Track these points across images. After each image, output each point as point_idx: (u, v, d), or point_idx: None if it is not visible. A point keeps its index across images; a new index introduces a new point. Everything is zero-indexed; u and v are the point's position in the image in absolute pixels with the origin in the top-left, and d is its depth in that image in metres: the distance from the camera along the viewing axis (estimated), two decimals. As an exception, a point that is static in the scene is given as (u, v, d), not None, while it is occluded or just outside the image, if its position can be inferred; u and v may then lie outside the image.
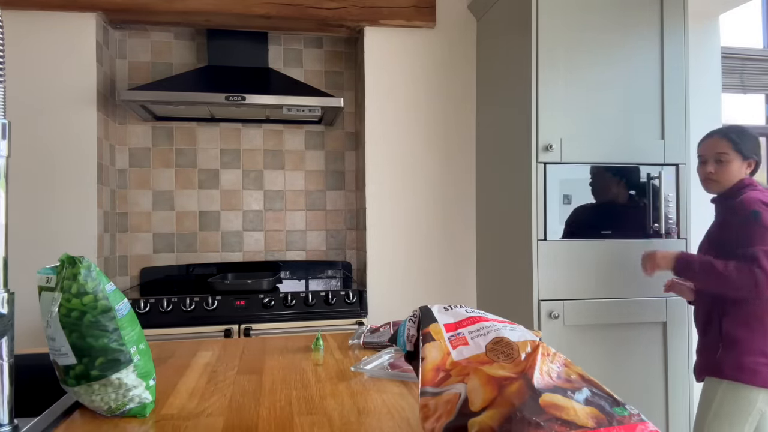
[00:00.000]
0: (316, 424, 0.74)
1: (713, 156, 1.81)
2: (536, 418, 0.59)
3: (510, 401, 0.61)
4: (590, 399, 0.63)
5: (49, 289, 0.78)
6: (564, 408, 0.61)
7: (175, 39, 2.76)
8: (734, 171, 1.78)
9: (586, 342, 2.08)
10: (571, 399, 0.62)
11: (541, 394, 0.62)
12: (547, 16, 2.08)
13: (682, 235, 2.16)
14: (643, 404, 2.11)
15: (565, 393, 0.63)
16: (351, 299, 2.36)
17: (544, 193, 2.07)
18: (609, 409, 0.62)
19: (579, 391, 0.64)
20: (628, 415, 0.63)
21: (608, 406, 0.63)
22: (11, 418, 0.74)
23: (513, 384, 0.63)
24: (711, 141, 1.84)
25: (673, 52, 2.17)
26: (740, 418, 1.62)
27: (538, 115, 2.07)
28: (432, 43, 2.65)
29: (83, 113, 2.36)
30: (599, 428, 0.59)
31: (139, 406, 0.79)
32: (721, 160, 1.79)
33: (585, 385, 0.65)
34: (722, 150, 1.79)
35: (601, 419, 0.61)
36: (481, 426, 0.60)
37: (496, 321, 0.75)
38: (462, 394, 0.65)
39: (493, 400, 0.62)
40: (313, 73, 2.89)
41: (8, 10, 2.28)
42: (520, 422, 0.58)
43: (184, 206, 2.76)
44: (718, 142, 1.81)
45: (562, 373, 0.66)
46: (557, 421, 0.59)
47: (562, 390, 0.63)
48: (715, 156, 1.80)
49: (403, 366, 0.97)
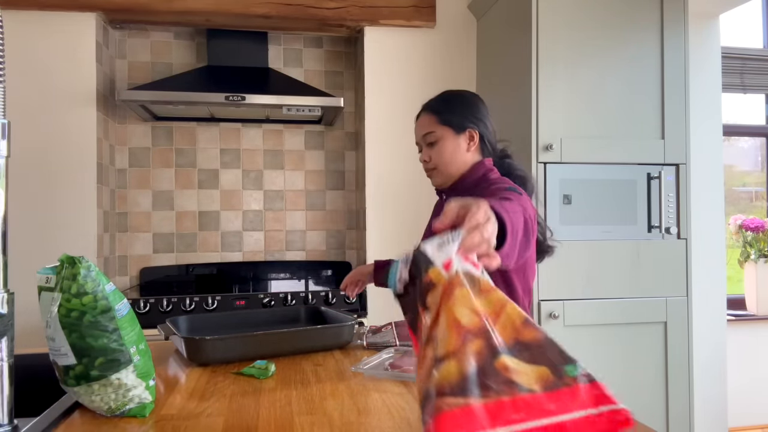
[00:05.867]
0: (316, 424, 0.74)
1: (422, 139, 1.41)
2: (490, 380, 0.61)
3: (469, 359, 0.62)
4: (548, 354, 0.66)
5: (48, 289, 0.78)
6: (515, 369, 0.62)
7: (175, 39, 2.76)
8: (449, 151, 1.36)
9: (586, 342, 2.08)
10: (521, 361, 0.63)
11: (498, 356, 0.63)
12: (547, 16, 2.08)
13: (682, 235, 2.16)
14: (643, 404, 2.10)
15: (514, 349, 0.64)
16: (351, 299, 2.36)
17: (544, 193, 2.07)
18: (560, 368, 0.64)
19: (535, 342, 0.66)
20: (575, 375, 0.65)
21: (559, 363, 0.65)
22: (11, 418, 0.74)
23: (475, 341, 0.63)
24: (418, 121, 1.44)
25: (673, 52, 2.17)
26: None
27: (538, 115, 2.07)
28: (432, 42, 2.65)
29: (83, 113, 2.36)
30: (545, 390, 0.62)
31: (138, 406, 0.79)
32: (430, 143, 1.39)
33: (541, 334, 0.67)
34: (427, 129, 1.39)
35: (549, 381, 0.63)
36: (438, 383, 0.61)
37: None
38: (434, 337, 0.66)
39: (455, 351, 0.63)
40: (313, 73, 2.89)
41: (8, 10, 2.28)
42: (472, 382, 0.60)
43: (184, 206, 2.76)
44: (423, 121, 1.42)
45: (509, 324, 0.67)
46: (508, 384, 0.61)
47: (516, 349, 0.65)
48: (424, 139, 1.41)
49: (403, 366, 0.97)
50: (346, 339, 1.18)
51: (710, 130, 2.72)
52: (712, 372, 2.66)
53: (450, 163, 1.37)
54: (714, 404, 2.65)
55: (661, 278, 2.13)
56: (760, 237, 3.05)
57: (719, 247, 2.73)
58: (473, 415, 0.59)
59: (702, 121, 2.68)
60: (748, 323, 3.01)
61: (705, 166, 2.69)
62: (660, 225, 2.14)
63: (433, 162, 1.39)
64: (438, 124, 1.37)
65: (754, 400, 2.97)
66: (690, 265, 2.16)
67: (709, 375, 2.65)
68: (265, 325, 1.23)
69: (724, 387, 2.67)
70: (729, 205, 3.12)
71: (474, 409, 0.59)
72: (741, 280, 3.15)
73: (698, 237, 2.55)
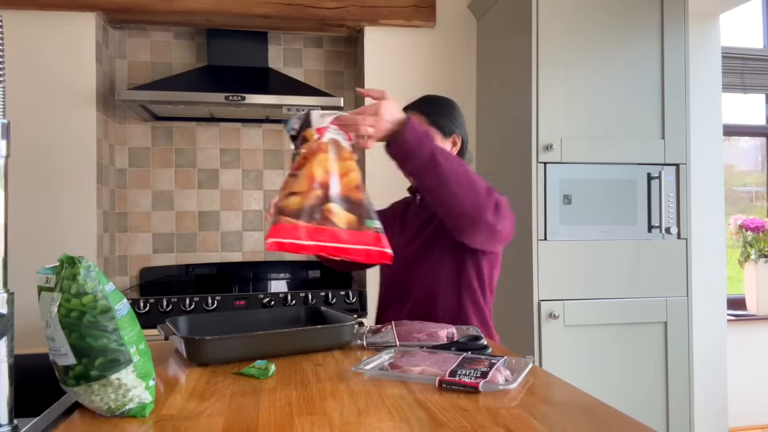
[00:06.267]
0: (316, 424, 0.74)
1: None
2: (316, 214, 0.97)
3: (309, 200, 0.97)
4: (362, 209, 1.01)
5: (48, 290, 0.78)
6: (335, 213, 0.98)
7: (174, 39, 2.76)
8: None
9: (586, 342, 2.07)
10: (342, 209, 0.99)
11: (328, 202, 0.98)
12: (547, 16, 2.08)
13: (682, 235, 2.16)
14: (643, 404, 2.10)
15: (343, 201, 0.99)
16: (351, 299, 2.36)
17: (544, 193, 2.07)
18: (363, 221, 1.00)
19: (358, 200, 1.01)
20: (373, 228, 1.01)
21: (367, 217, 1.01)
22: (11, 418, 0.74)
23: (318, 190, 0.99)
24: None
25: (673, 52, 2.17)
26: None
27: (538, 115, 2.07)
28: (432, 42, 2.65)
29: (83, 113, 2.36)
30: (348, 228, 0.98)
31: (138, 406, 0.79)
32: None
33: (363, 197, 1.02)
34: None
35: (353, 225, 0.99)
36: (285, 206, 0.98)
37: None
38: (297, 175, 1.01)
39: (302, 192, 0.98)
40: (313, 73, 2.89)
41: (8, 10, 2.28)
42: (305, 212, 0.97)
43: (184, 206, 2.76)
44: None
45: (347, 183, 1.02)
46: (326, 220, 0.97)
47: (343, 201, 1.00)
48: None
49: (403, 366, 0.97)
50: (346, 339, 1.18)
51: (710, 130, 2.72)
52: (712, 372, 2.66)
53: None
54: (714, 404, 2.65)
55: (661, 278, 2.13)
56: (760, 237, 3.05)
57: (719, 247, 2.72)
58: (297, 230, 0.95)
59: (702, 121, 2.68)
60: (748, 323, 3.01)
61: (705, 166, 2.69)
62: (660, 225, 2.14)
63: None
64: (428, 125, 1.38)
65: (754, 400, 2.97)
66: (690, 265, 2.16)
67: (709, 375, 2.64)
68: (265, 325, 1.22)
69: (724, 387, 2.67)
70: (729, 205, 3.12)
71: (298, 227, 0.96)
72: (741, 280, 3.15)
73: (698, 237, 2.54)
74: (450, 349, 1.09)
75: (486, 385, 0.85)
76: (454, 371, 0.90)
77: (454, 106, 1.45)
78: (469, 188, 1.13)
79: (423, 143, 1.10)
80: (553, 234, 2.07)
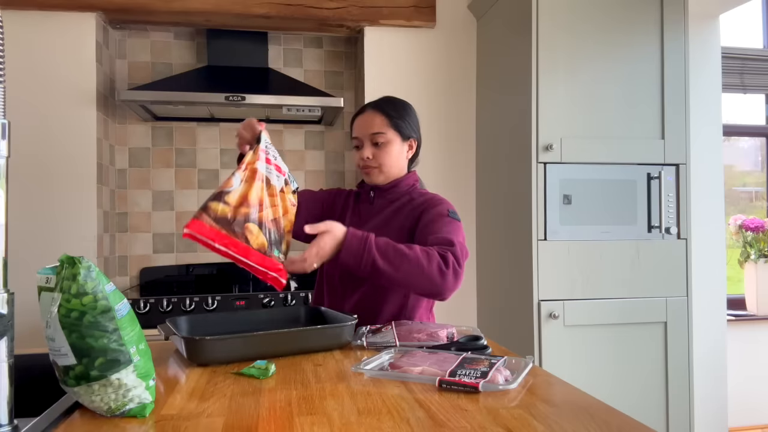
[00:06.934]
0: (316, 424, 0.74)
1: (369, 137, 1.45)
2: (236, 228, 1.08)
3: (234, 213, 1.09)
4: (272, 238, 1.14)
5: (48, 290, 0.78)
6: (253, 233, 1.10)
7: (174, 39, 2.76)
8: (395, 155, 1.46)
9: (586, 342, 2.08)
10: (261, 232, 1.12)
11: (249, 222, 1.10)
12: (547, 16, 2.08)
13: (682, 235, 2.16)
14: (643, 404, 2.11)
15: (261, 226, 1.12)
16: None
17: (544, 193, 2.07)
18: (271, 248, 1.14)
19: (272, 230, 1.15)
20: (276, 257, 1.14)
21: (275, 247, 1.15)
22: (11, 418, 0.74)
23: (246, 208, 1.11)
24: (364, 117, 1.48)
25: (673, 52, 2.17)
26: None
27: (538, 115, 2.07)
28: (432, 43, 2.65)
29: (83, 113, 2.36)
30: (257, 250, 1.10)
31: (138, 406, 0.79)
32: (378, 143, 1.44)
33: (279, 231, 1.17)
34: (378, 129, 1.44)
35: (262, 248, 1.11)
36: (215, 209, 1.08)
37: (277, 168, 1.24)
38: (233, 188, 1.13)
39: (233, 206, 1.10)
40: (313, 73, 2.89)
41: (8, 10, 2.28)
42: (227, 223, 1.08)
43: (184, 206, 2.76)
44: (373, 119, 1.45)
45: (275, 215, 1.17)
46: (242, 236, 1.09)
47: (262, 226, 1.13)
48: (371, 137, 1.45)
49: (403, 366, 0.97)
50: (346, 339, 1.18)
51: (710, 130, 2.72)
52: (712, 372, 2.66)
53: (393, 166, 1.48)
54: (714, 404, 2.65)
55: (661, 278, 2.13)
56: (760, 237, 3.05)
57: (719, 247, 2.73)
58: (213, 231, 1.06)
59: (702, 122, 2.68)
60: (748, 323, 3.01)
61: (705, 166, 2.69)
62: (660, 225, 2.14)
63: (377, 161, 1.46)
64: (389, 127, 1.45)
65: (754, 400, 2.97)
66: (690, 265, 2.16)
67: (709, 375, 2.64)
68: (265, 325, 1.22)
69: (724, 387, 2.67)
70: (729, 205, 3.12)
71: (217, 232, 1.06)
72: (741, 280, 3.15)
73: (698, 237, 2.55)
74: (450, 349, 1.09)
75: (486, 385, 0.86)
76: (454, 371, 0.91)
77: (413, 110, 1.53)
78: (419, 276, 1.22)
79: (360, 259, 1.21)
80: (552, 234, 2.07)
